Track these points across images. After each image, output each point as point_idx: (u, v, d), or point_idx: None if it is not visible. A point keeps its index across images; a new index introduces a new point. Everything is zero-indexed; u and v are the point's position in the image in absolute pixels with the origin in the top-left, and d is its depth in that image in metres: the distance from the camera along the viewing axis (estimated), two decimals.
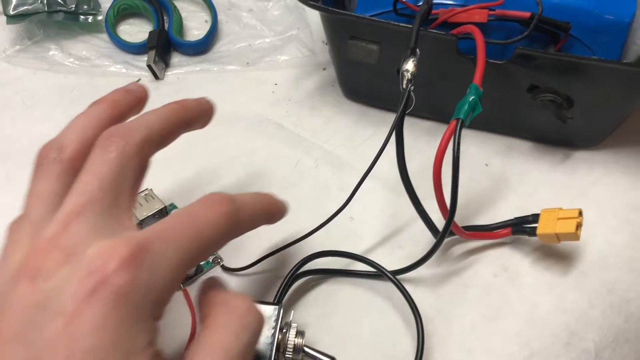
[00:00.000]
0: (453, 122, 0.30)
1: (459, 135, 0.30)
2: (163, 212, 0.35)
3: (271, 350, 0.27)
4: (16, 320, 0.20)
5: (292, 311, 0.31)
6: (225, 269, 0.34)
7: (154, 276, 0.21)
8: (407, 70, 0.32)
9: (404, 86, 0.32)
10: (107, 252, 0.20)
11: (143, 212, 0.34)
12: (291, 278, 0.32)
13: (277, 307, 0.29)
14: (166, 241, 0.22)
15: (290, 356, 0.28)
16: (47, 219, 0.22)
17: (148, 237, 0.21)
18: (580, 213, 0.33)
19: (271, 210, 0.28)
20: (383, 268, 0.33)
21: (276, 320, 0.28)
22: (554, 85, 0.37)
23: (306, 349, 0.29)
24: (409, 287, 0.33)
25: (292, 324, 0.29)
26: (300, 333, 0.29)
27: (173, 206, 0.37)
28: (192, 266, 0.22)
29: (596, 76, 0.35)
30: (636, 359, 0.32)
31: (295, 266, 0.33)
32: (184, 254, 0.22)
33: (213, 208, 0.23)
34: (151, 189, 0.36)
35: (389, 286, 0.33)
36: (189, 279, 0.34)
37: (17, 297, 0.20)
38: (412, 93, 0.32)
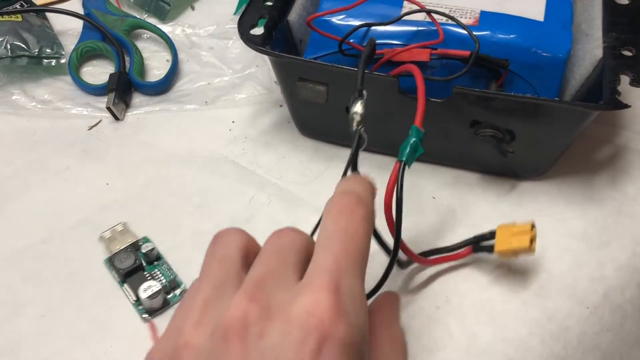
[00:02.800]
0: (396, 165, 0.32)
1: (402, 177, 0.31)
2: (135, 246, 0.36)
3: None
4: None
5: None
6: None
7: (358, 313, 0.22)
8: (356, 113, 0.33)
9: (354, 127, 0.33)
10: (313, 306, 0.21)
11: (116, 245, 0.36)
12: None
13: None
14: (346, 273, 0.23)
15: None
16: (232, 282, 0.23)
17: (333, 277, 0.22)
18: (533, 226, 0.34)
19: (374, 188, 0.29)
20: None
21: None
22: (494, 121, 0.38)
23: None
24: None
25: None
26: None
27: (146, 239, 0.38)
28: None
29: (535, 112, 0.37)
30: None
31: None
32: (361, 274, 0.24)
33: (354, 217, 0.25)
34: (125, 223, 0.37)
35: None
36: (155, 312, 0.35)
37: (234, 355, 0.20)
38: (362, 134, 0.33)
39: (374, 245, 0.33)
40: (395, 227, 0.32)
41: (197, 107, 0.47)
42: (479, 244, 0.36)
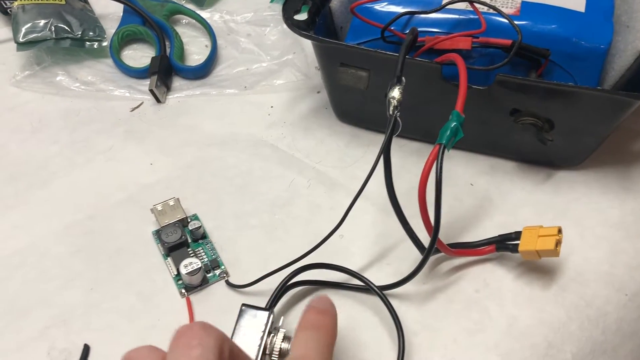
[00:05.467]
0: (436, 147, 0.32)
1: (442, 160, 0.32)
2: (184, 222, 0.37)
3: (258, 351, 0.30)
4: None
5: (282, 318, 0.33)
6: (229, 284, 0.36)
7: None
8: (393, 98, 0.34)
9: (391, 112, 0.34)
10: None
11: (165, 219, 0.37)
12: (283, 288, 0.34)
13: (267, 312, 0.31)
14: None
15: (276, 359, 0.30)
16: None
17: None
18: (560, 231, 0.34)
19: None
20: (371, 283, 0.35)
21: (265, 324, 0.31)
22: (534, 109, 0.39)
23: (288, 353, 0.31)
24: (395, 302, 0.35)
25: (281, 329, 0.31)
26: (287, 338, 0.31)
27: (195, 217, 0.39)
28: None
29: (575, 101, 0.37)
30: None
31: (287, 276, 0.34)
32: None
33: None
34: (177, 199, 0.38)
35: (376, 301, 0.35)
36: (194, 289, 0.36)
37: None
38: (398, 118, 0.34)
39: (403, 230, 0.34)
40: (435, 210, 0.32)
41: (236, 92, 0.48)
42: (503, 243, 0.37)
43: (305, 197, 0.41)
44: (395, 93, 0.34)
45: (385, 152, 0.34)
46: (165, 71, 0.48)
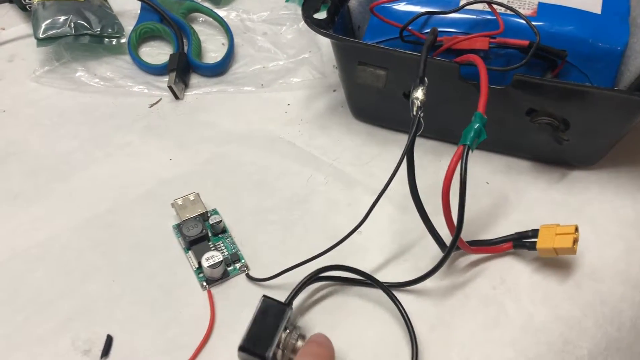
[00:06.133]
0: (460, 148, 0.33)
1: (466, 161, 0.32)
2: (204, 216, 0.38)
3: (272, 344, 0.31)
4: None
5: (300, 316, 0.33)
6: (250, 277, 0.36)
7: None
8: (417, 98, 0.35)
9: (414, 112, 0.34)
10: None
11: (186, 213, 0.38)
12: (302, 285, 0.34)
13: (287, 307, 0.32)
14: None
15: (290, 356, 0.31)
16: None
17: None
18: (577, 229, 0.35)
19: None
20: (381, 284, 0.35)
21: (283, 319, 0.31)
22: (551, 109, 0.39)
23: None
24: (413, 298, 0.35)
25: (298, 327, 0.32)
26: (301, 336, 0.32)
27: (214, 212, 0.39)
28: None
29: (591, 101, 0.38)
30: None
31: (307, 276, 0.35)
32: None
33: None
34: (197, 194, 0.38)
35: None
36: (214, 282, 0.36)
37: None
38: (421, 119, 0.35)
39: (421, 225, 0.34)
40: (459, 210, 0.33)
41: (253, 89, 0.48)
42: (520, 240, 0.37)
43: (322, 193, 0.42)
44: (419, 94, 0.35)
45: (409, 152, 0.34)
46: (184, 68, 0.49)
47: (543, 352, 0.33)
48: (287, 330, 0.31)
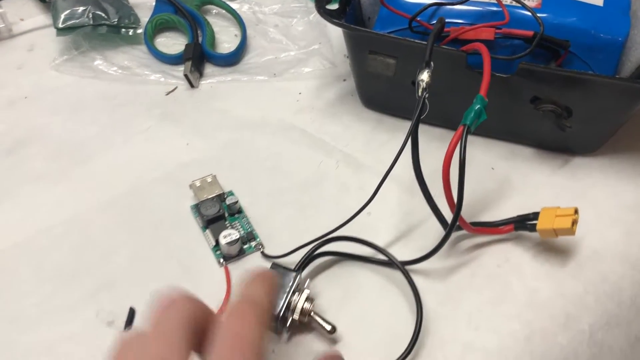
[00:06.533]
0: (460, 128, 0.34)
1: (465, 139, 0.34)
2: (221, 197, 0.40)
3: (282, 307, 0.32)
4: None
5: (308, 280, 0.35)
6: (265, 255, 0.38)
7: None
8: (422, 80, 0.36)
9: (420, 94, 0.36)
10: None
11: (204, 194, 0.39)
12: (311, 254, 0.36)
13: (294, 272, 0.34)
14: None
15: (297, 317, 0.33)
16: None
17: None
18: (576, 211, 0.36)
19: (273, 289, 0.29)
20: (393, 257, 0.37)
21: (292, 283, 0.33)
22: (554, 97, 0.41)
23: (312, 314, 0.33)
24: (421, 276, 0.37)
25: (305, 290, 0.33)
26: (310, 299, 0.33)
27: (231, 193, 0.41)
28: None
29: (593, 89, 0.39)
30: (626, 340, 0.35)
31: (315, 245, 0.37)
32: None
33: (246, 321, 0.25)
34: (215, 176, 0.40)
35: (401, 275, 0.37)
36: (231, 259, 0.38)
37: None
38: (426, 101, 0.36)
39: (426, 210, 0.36)
40: (458, 185, 0.34)
41: (266, 79, 0.50)
42: (522, 223, 0.39)
43: (334, 177, 0.43)
44: (424, 76, 0.36)
45: (414, 132, 0.36)
46: (198, 58, 0.50)
47: (547, 325, 0.35)
48: (296, 293, 0.33)
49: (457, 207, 0.34)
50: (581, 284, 0.37)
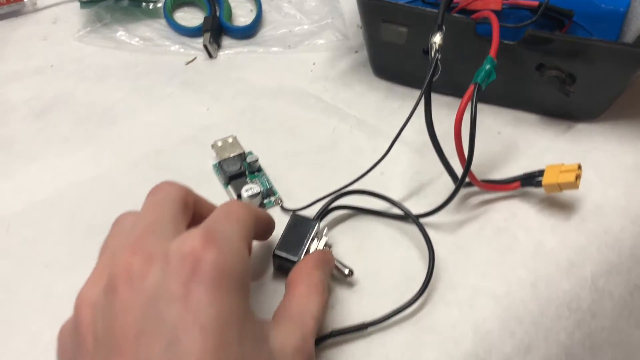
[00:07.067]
0: (472, 86, 0.37)
1: (476, 98, 0.36)
2: (242, 156, 0.41)
3: (301, 253, 0.34)
4: (135, 320, 0.22)
5: (326, 229, 0.37)
6: (284, 208, 0.40)
7: (232, 245, 0.25)
8: (435, 42, 0.38)
9: (432, 55, 0.38)
10: (187, 241, 0.23)
11: (225, 153, 0.41)
12: (328, 206, 0.39)
13: (314, 221, 0.36)
14: (222, 222, 0.26)
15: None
16: (162, 227, 0.26)
17: (208, 224, 0.25)
18: (580, 167, 0.38)
19: (268, 228, 0.35)
20: (407, 209, 0.39)
21: (311, 231, 0.35)
22: (558, 64, 0.43)
23: None
24: (432, 229, 0.39)
25: (324, 238, 0.36)
26: (328, 245, 0.36)
27: (251, 152, 0.43)
28: (250, 237, 0.29)
29: (596, 55, 0.41)
30: (625, 288, 0.38)
31: (332, 197, 0.39)
32: (240, 228, 0.27)
33: (239, 205, 0.29)
34: (235, 137, 0.42)
35: (413, 229, 0.39)
36: None
37: (123, 301, 0.22)
38: (438, 62, 0.38)
39: (440, 164, 0.38)
40: (469, 145, 0.36)
41: (281, 50, 0.52)
42: (528, 180, 0.41)
43: (348, 141, 0.45)
44: (437, 39, 0.38)
45: (427, 90, 0.38)
46: (216, 30, 0.52)
47: (552, 272, 0.37)
48: (315, 239, 0.35)
49: (468, 158, 0.36)
50: (584, 236, 0.39)
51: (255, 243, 0.37)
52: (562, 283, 0.37)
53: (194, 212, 0.30)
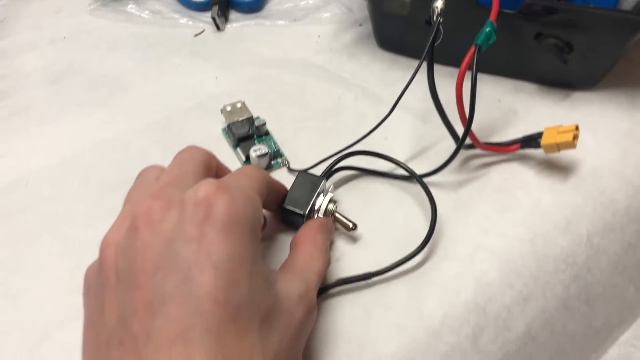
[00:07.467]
0: (472, 48, 0.38)
1: (477, 58, 0.37)
2: (250, 120, 0.43)
3: (307, 207, 0.36)
4: (153, 257, 0.23)
5: (332, 186, 0.38)
6: (290, 169, 0.42)
7: (243, 195, 0.26)
8: (437, 7, 0.40)
9: (435, 19, 0.39)
10: (202, 188, 0.25)
11: (234, 117, 0.42)
12: (333, 166, 0.40)
13: (320, 177, 0.37)
14: (236, 177, 0.29)
15: (321, 215, 0.36)
16: (183, 181, 0.28)
17: (222, 179, 0.28)
18: (577, 128, 0.40)
19: (279, 195, 0.36)
20: (409, 168, 0.40)
21: (317, 186, 0.37)
22: (557, 33, 0.44)
23: (335, 214, 0.37)
24: (434, 188, 0.40)
25: (329, 194, 0.37)
26: (333, 201, 0.37)
27: (258, 118, 0.44)
28: (262, 192, 0.30)
29: (593, 23, 0.43)
30: (620, 245, 0.39)
31: (337, 158, 0.40)
32: (253, 183, 0.29)
33: (254, 168, 0.31)
34: (244, 102, 0.43)
35: (416, 188, 0.40)
36: None
37: (143, 241, 0.24)
38: (440, 27, 0.40)
39: (442, 129, 0.40)
40: (470, 104, 0.38)
41: (287, 23, 0.54)
42: (527, 142, 0.42)
43: (353, 108, 0.47)
44: (439, 3, 0.40)
45: (429, 53, 0.39)
46: (224, 4, 0.54)
47: (549, 229, 0.39)
48: (321, 195, 0.36)
49: (469, 116, 0.38)
50: (581, 196, 0.40)
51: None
52: (559, 240, 0.38)
53: (216, 176, 0.32)
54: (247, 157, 0.41)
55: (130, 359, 0.22)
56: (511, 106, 0.47)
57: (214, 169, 0.31)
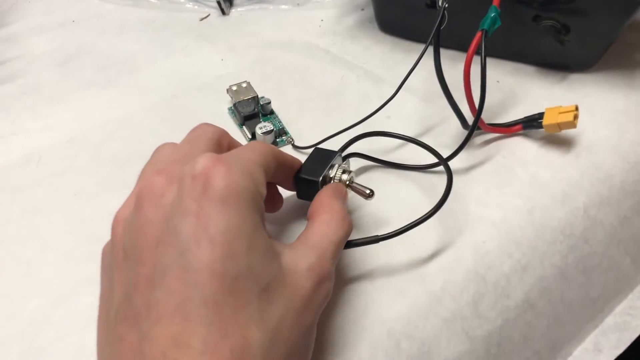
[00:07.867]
0: (479, 33, 0.39)
1: (484, 43, 0.39)
2: (255, 100, 0.44)
3: (320, 176, 0.36)
4: (154, 233, 0.24)
5: (349, 159, 0.39)
6: (295, 147, 0.43)
7: (242, 166, 0.26)
8: None
9: (440, 4, 0.41)
10: (199, 161, 0.25)
11: (240, 96, 0.43)
12: (352, 142, 0.41)
13: (336, 152, 0.37)
14: (238, 151, 0.29)
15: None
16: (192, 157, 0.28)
17: (225, 153, 0.28)
18: (577, 108, 0.41)
19: (291, 170, 0.35)
20: (431, 147, 0.40)
21: (332, 158, 0.37)
22: (554, 15, 0.45)
23: (352, 183, 0.36)
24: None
25: (344, 165, 0.37)
26: (346, 172, 0.36)
27: (263, 97, 0.45)
28: (266, 165, 0.30)
29: (588, 5, 0.44)
30: (616, 218, 0.40)
31: (348, 141, 0.41)
32: (256, 155, 0.29)
33: (261, 143, 0.31)
34: (249, 82, 0.45)
35: (418, 175, 0.41)
36: None
37: (146, 216, 0.24)
38: (445, 12, 0.41)
39: (443, 110, 0.41)
40: (481, 87, 0.39)
41: (290, 8, 0.55)
42: (529, 122, 0.43)
43: (355, 89, 0.48)
44: None
45: (436, 36, 0.40)
46: None
47: (547, 202, 0.40)
48: (335, 166, 0.37)
49: (480, 99, 0.39)
50: (578, 171, 0.42)
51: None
52: (557, 212, 0.39)
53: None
54: (253, 134, 0.42)
55: (133, 333, 0.23)
56: (510, 87, 0.48)
57: (225, 146, 0.32)
